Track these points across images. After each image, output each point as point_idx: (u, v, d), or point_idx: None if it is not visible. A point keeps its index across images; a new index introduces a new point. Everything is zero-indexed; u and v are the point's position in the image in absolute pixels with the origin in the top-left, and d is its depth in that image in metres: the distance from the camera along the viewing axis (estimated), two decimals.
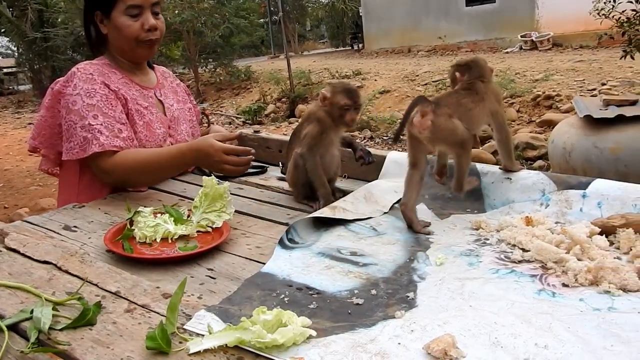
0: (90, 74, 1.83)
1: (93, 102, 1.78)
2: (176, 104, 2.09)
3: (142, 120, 1.89)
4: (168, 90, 2.09)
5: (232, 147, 1.70)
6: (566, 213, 1.42)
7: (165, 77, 2.15)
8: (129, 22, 1.86)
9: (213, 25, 14.98)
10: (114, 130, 1.78)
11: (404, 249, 1.31)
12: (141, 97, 1.94)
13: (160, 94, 2.03)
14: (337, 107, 1.62)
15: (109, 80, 1.87)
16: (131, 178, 1.81)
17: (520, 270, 1.16)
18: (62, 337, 0.94)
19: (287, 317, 0.94)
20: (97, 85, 1.82)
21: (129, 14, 1.85)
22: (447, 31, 16.10)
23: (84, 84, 1.80)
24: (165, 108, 2.02)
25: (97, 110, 1.78)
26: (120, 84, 1.89)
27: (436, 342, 0.87)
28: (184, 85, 2.27)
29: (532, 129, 7.19)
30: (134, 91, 1.93)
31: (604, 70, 9.17)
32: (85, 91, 1.79)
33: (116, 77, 1.90)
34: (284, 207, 1.67)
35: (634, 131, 3.97)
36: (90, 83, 1.81)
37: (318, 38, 33.12)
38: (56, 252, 1.27)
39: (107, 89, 1.83)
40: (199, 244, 1.36)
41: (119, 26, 1.87)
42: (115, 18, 1.86)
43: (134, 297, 1.08)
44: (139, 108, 1.90)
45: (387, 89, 10.92)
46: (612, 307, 0.99)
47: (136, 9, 1.85)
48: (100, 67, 1.89)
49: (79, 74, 1.82)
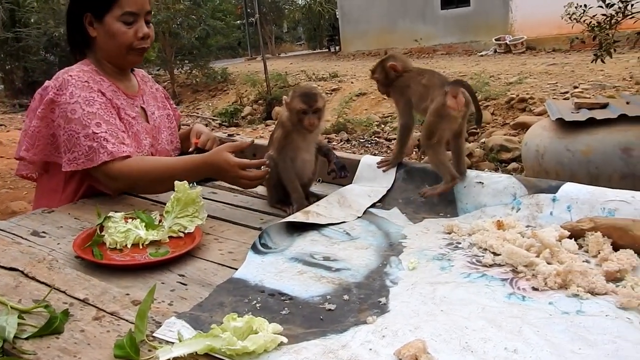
0: (86, 81, 1.78)
1: (93, 110, 1.73)
2: (157, 111, 2.04)
3: (131, 130, 1.85)
4: (149, 97, 2.05)
5: (248, 161, 1.62)
6: (537, 217, 1.44)
7: (146, 82, 2.10)
8: (124, 28, 1.81)
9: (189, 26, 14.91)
10: (119, 137, 1.74)
11: (376, 254, 1.31)
12: (128, 107, 1.89)
13: (143, 102, 1.99)
14: (294, 112, 1.61)
15: (101, 87, 1.81)
16: (140, 186, 1.76)
17: (491, 274, 1.17)
18: (28, 347, 0.92)
19: (258, 323, 0.93)
20: (94, 93, 1.76)
21: (124, 21, 1.80)
22: (423, 34, 16.23)
23: (81, 91, 1.74)
24: (148, 116, 1.98)
25: (99, 118, 1.72)
26: (109, 92, 1.83)
27: (407, 348, 0.87)
28: (162, 88, 2.23)
29: (506, 132, 7.27)
30: (122, 100, 1.88)
31: (576, 73, 9.32)
32: (84, 99, 1.73)
33: (105, 85, 1.85)
34: (258, 211, 1.66)
35: (605, 134, 4.03)
36: (87, 91, 1.75)
37: (295, 40, 33.14)
38: (23, 259, 1.24)
39: (104, 97, 1.78)
40: (171, 250, 1.35)
41: (112, 32, 1.81)
42: (109, 23, 1.81)
43: (102, 304, 1.06)
44: (127, 118, 1.85)
45: (363, 92, 10.96)
46: (580, 311, 1.01)
47: (132, 16, 1.81)
48: (91, 75, 1.82)
49: (73, 82, 1.76)
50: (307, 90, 1.64)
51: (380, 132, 8.91)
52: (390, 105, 9.85)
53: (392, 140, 8.28)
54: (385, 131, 8.88)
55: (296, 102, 1.60)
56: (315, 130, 1.64)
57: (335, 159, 1.72)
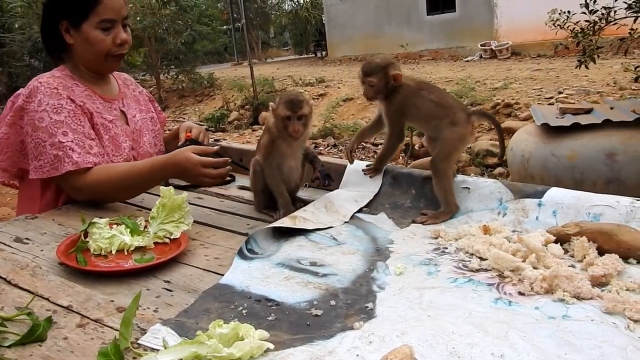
0: (55, 88, 1.76)
1: (61, 118, 1.72)
2: (139, 114, 2.03)
3: (108, 134, 1.84)
4: (130, 100, 2.04)
5: (210, 160, 1.64)
6: (523, 222, 1.45)
7: (127, 86, 2.09)
8: (102, 36, 1.80)
9: (175, 31, 14.88)
10: (85, 146, 1.72)
11: (363, 259, 1.31)
12: (105, 111, 1.88)
13: (123, 105, 1.97)
14: (279, 118, 1.59)
15: (73, 94, 1.80)
16: (106, 195, 1.75)
17: (478, 279, 1.17)
18: (10, 355, 0.91)
19: (245, 330, 0.92)
20: (63, 100, 1.75)
21: (102, 28, 1.79)
22: (409, 39, 16.32)
23: (49, 99, 1.73)
24: (128, 119, 1.96)
25: (66, 126, 1.71)
26: (84, 97, 1.82)
27: (394, 354, 0.86)
28: (146, 91, 2.22)
29: (492, 137, 7.31)
30: (98, 104, 1.86)
31: (560, 79, 9.42)
32: (52, 107, 1.72)
33: (79, 90, 1.84)
34: (244, 217, 1.65)
35: (589, 139, 4.07)
36: (56, 98, 1.74)
37: (281, 45, 33.17)
38: (6, 266, 1.23)
39: (73, 104, 1.76)
40: (156, 256, 1.34)
41: (90, 39, 1.80)
42: (87, 31, 1.79)
43: (86, 311, 1.05)
44: (104, 122, 1.84)
45: (350, 97, 10.98)
46: (566, 315, 1.01)
47: (110, 22, 1.80)
48: (63, 80, 1.81)
49: (42, 89, 1.75)
50: (293, 96, 1.62)
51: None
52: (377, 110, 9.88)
53: (379, 145, 8.29)
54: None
55: (281, 109, 1.58)
56: (302, 137, 1.63)
57: (321, 167, 1.70)
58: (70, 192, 1.77)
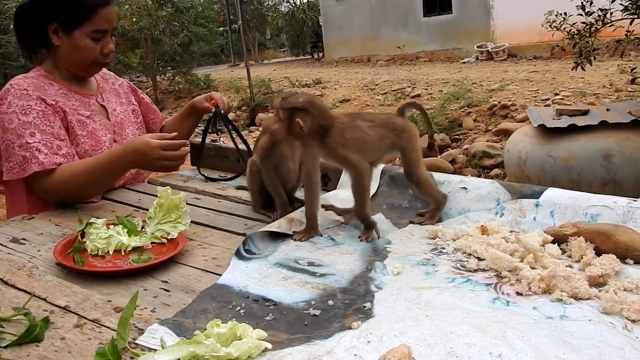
0: (25, 89, 1.77)
1: (29, 119, 1.73)
2: (119, 107, 2.05)
3: (85, 130, 1.85)
4: (110, 94, 2.05)
5: (169, 142, 1.66)
6: (520, 222, 1.45)
7: (106, 80, 2.10)
8: (91, 45, 1.82)
9: (172, 33, 14.86)
10: (53, 147, 1.73)
11: (361, 259, 1.31)
12: (82, 106, 1.89)
13: (102, 99, 1.99)
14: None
15: (46, 93, 1.81)
16: (73, 193, 1.74)
17: (476, 279, 1.17)
18: (7, 355, 0.90)
19: (242, 330, 0.92)
20: (32, 101, 1.75)
21: (93, 37, 1.81)
22: (406, 41, 16.34)
23: (18, 100, 1.74)
24: (108, 113, 1.98)
25: (34, 127, 1.72)
26: (58, 96, 1.83)
27: (392, 353, 0.86)
28: (127, 83, 2.23)
29: (489, 138, 7.33)
30: (74, 101, 1.88)
31: (556, 80, 9.43)
32: (21, 108, 1.73)
33: (53, 89, 1.85)
34: (242, 217, 1.65)
35: (585, 140, 4.08)
36: (25, 99, 1.75)
37: (278, 47, 33.15)
38: (2, 266, 1.23)
39: (43, 104, 1.77)
40: (154, 256, 1.33)
41: (80, 46, 1.82)
42: (78, 37, 1.81)
43: (84, 311, 1.05)
44: (80, 118, 1.86)
45: (347, 98, 11.00)
46: (564, 315, 1.01)
47: (101, 33, 1.82)
48: (35, 81, 1.82)
49: (12, 91, 1.76)
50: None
51: None
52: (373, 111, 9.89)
53: None
54: None
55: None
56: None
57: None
58: (39, 192, 1.78)
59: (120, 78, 2.21)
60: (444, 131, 7.83)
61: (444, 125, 8.04)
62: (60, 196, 1.76)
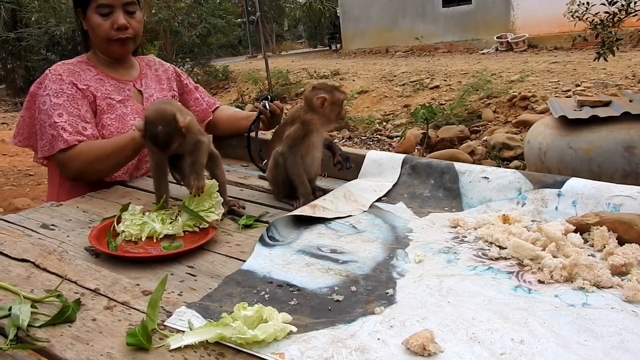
0: (60, 74, 1.88)
1: (60, 101, 1.83)
2: (158, 93, 2.11)
3: (114, 113, 1.93)
4: (151, 80, 2.12)
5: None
6: (542, 211, 1.45)
7: (150, 66, 2.17)
8: (100, 20, 1.90)
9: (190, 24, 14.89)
10: (78, 128, 1.82)
11: (383, 247, 1.32)
12: (115, 91, 1.97)
13: (141, 85, 2.06)
14: (337, 104, 1.64)
15: (79, 78, 1.91)
16: (89, 165, 1.82)
17: (497, 267, 1.18)
18: (41, 334, 0.93)
19: (268, 313, 0.94)
20: (64, 85, 1.86)
21: (100, 13, 1.89)
22: (424, 32, 16.21)
23: (52, 84, 1.86)
24: (143, 98, 2.05)
25: (63, 109, 1.83)
26: (92, 81, 1.93)
27: (415, 337, 0.88)
28: (173, 69, 2.27)
29: (508, 130, 7.28)
30: (108, 86, 1.96)
31: (578, 71, 9.32)
32: (54, 91, 1.84)
33: (91, 74, 1.95)
34: (265, 205, 1.66)
35: (607, 132, 4.04)
36: (58, 83, 1.86)
37: (296, 38, 33.09)
38: (34, 250, 1.26)
39: (74, 88, 1.87)
40: (184, 244, 1.35)
41: (92, 25, 1.92)
42: (90, 17, 1.91)
43: (113, 294, 1.08)
44: (111, 102, 1.94)
45: (365, 89, 10.97)
46: (586, 303, 1.02)
47: (106, 8, 1.89)
48: (72, 67, 1.93)
49: (49, 75, 1.88)
50: (332, 84, 1.70)
51: (382, 130, 8.91)
52: (392, 103, 9.87)
53: (394, 137, 8.29)
54: (387, 129, 8.89)
55: (338, 94, 1.64)
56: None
57: (340, 151, 1.74)
58: (60, 169, 1.88)
59: (167, 64, 2.27)
60: (463, 122, 7.79)
61: (463, 117, 7.99)
62: (76, 169, 1.82)
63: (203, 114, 2.27)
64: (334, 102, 1.63)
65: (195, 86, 2.32)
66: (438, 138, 7.46)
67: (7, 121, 11.92)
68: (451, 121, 7.75)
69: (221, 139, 2.29)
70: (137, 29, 1.97)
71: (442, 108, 8.30)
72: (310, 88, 1.67)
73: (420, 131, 7.69)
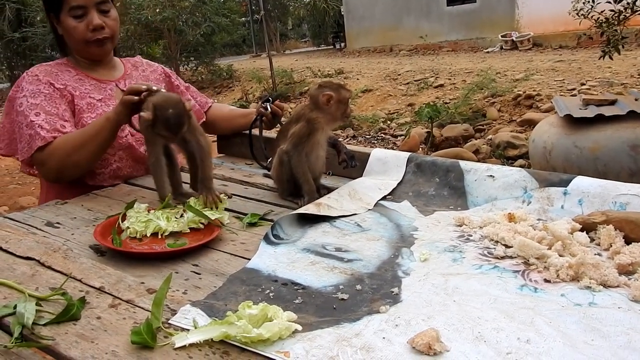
0: (36, 75, 1.86)
1: (37, 101, 1.80)
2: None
3: (95, 112, 1.89)
4: (136, 80, 2.07)
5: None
6: (548, 210, 1.44)
7: (137, 67, 2.14)
8: (74, 23, 1.86)
9: (194, 23, 14.92)
10: (56, 125, 1.78)
11: (388, 245, 1.32)
12: (95, 91, 1.94)
13: (124, 85, 2.01)
14: (344, 102, 1.64)
15: (56, 79, 1.88)
16: (66, 161, 1.74)
17: (503, 266, 1.17)
18: (46, 332, 0.93)
19: (273, 311, 0.94)
20: (41, 85, 1.83)
21: (74, 15, 1.85)
22: (429, 30, 16.17)
23: (29, 85, 1.83)
24: None
25: (40, 108, 1.79)
26: (70, 81, 1.89)
27: (420, 337, 0.87)
28: (162, 69, 2.24)
29: (513, 128, 7.25)
30: (88, 85, 1.93)
31: (583, 70, 9.29)
32: (30, 92, 1.81)
33: (69, 75, 1.92)
34: (269, 203, 1.66)
35: (613, 131, 4.03)
36: (35, 84, 1.83)
37: (300, 37, 33.05)
38: (39, 248, 1.26)
39: (51, 88, 1.84)
40: (189, 242, 1.35)
41: (67, 28, 1.88)
42: (63, 20, 1.87)
43: (118, 292, 1.08)
44: (91, 101, 1.90)
45: (369, 88, 10.95)
46: (592, 303, 1.01)
47: (79, 9, 1.85)
48: (50, 68, 1.91)
49: (26, 77, 1.86)
50: (337, 81, 1.71)
51: (386, 129, 8.90)
52: (396, 101, 9.86)
53: (398, 136, 8.27)
54: (392, 127, 8.88)
55: (344, 92, 1.64)
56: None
57: (345, 150, 1.74)
58: (39, 170, 1.82)
59: (155, 64, 2.24)
60: (468, 121, 7.77)
61: (468, 116, 7.97)
62: (56, 166, 1.75)
63: (196, 115, 2.24)
64: (339, 100, 1.63)
65: (186, 86, 2.29)
66: (442, 137, 7.44)
67: None
68: (455, 120, 7.73)
69: (225, 138, 2.30)
70: (113, 27, 1.93)
71: (447, 107, 8.28)
72: (316, 86, 1.67)
73: (424, 130, 7.67)
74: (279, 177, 1.70)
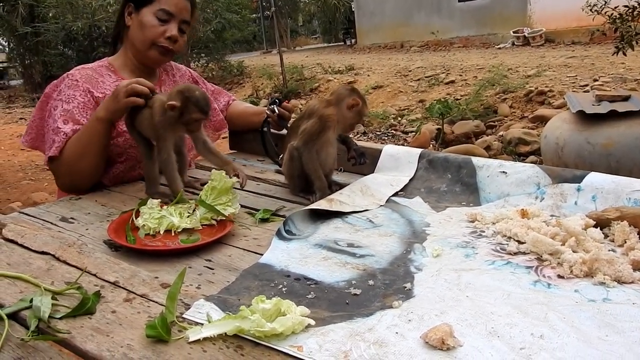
0: (76, 80, 1.85)
1: (70, 107, 1.80)
2: None
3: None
4: (169, 86, 2.08)
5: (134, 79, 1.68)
6: (561, 206, 1.44)
7: (167, 71, 2.15)
8: (155, 22, 1.88)
9: (205, 20, 14.92)
10: None
11: (400, 241, 1.32)
12: None
13: (160, 91, 1.99)
14: (359, 115, 1.66)
15: (96, 85, 1.87)
16: (73, 169, 1.76)
17: (516, 262, 1.17)
18: (62, 326, 0.94)
19: (286, 306, 0.94)
20: (78, 91, 1.83)
21: (158, 17, 1.87)
22: (440, 27, 16.11)
23: (67, 89, 1.83)
24: None
25: (70, 116, 1.79)
26: (111, 88, 1.86)
27: (434, 332, 0.87)
28: (190, 73, 2.25)
29: (525, 125, 7.21)
30: None
31: (596, 66, 9.21)
32: (66, 96, 1.82)
33: (110, 80, 1.91)
34: (281, 199, 1.67)
35: (626, 127, 3.99)
36: (73, 89, 1.83)
37: (310, 33, 33.05)
38: (54, 243, 1.27)
39: (88, 96, 1.84)
40: (202, 237, 1.36)
41: (143, 23, 1.88)
42: (144, 14, 1.88)
43: (132, 287, 1.08)
44: None
45: (380, 84, 10.93)
46: (606, 298, 1.01)
47: (167, 15, 1.88)
48: (91, 72, 1.90)
49: (66, 80, 1.86)
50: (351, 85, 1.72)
51: (397, 125, 8.87)
52: (406, 98, 9.83)
53: (409, 133, 8.25)
54: (402, 124, 8.85)
55: (366, 109, 1.69)
56: None
57: (355, 146, 1.74)
58: (55, 181, 1.86)
59: (183, 67, 2.24)
60: (479, 118, 7.74)
61: (479, 112, 7.94)
62: (65, 175, 1.79)
63: (219, 124, 2.26)
64: (360, 111, 1.65)
65: (212, 90, 2.29)
66: (453, 133, 7.41)
67: (25, 116, 12.06)
68: (467, 116, 7.69)
69: (237, 134, 2.31)
70: (180, 46, 1.96)
71: (458, 103, 8.24)
72: (349, 88, 1.68)
73: (435, 126, 7.64)
74: (290, 173, 1.71)
